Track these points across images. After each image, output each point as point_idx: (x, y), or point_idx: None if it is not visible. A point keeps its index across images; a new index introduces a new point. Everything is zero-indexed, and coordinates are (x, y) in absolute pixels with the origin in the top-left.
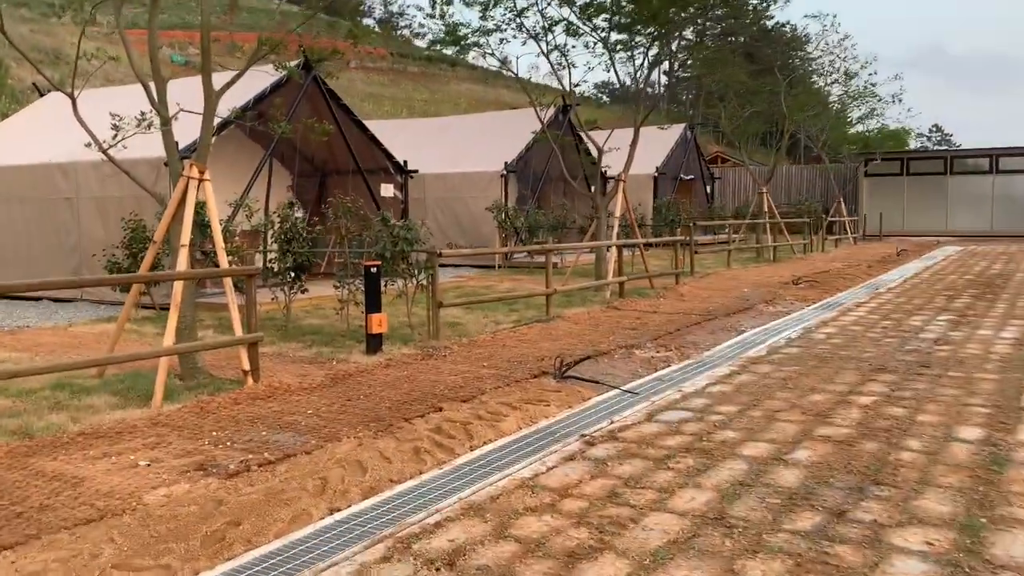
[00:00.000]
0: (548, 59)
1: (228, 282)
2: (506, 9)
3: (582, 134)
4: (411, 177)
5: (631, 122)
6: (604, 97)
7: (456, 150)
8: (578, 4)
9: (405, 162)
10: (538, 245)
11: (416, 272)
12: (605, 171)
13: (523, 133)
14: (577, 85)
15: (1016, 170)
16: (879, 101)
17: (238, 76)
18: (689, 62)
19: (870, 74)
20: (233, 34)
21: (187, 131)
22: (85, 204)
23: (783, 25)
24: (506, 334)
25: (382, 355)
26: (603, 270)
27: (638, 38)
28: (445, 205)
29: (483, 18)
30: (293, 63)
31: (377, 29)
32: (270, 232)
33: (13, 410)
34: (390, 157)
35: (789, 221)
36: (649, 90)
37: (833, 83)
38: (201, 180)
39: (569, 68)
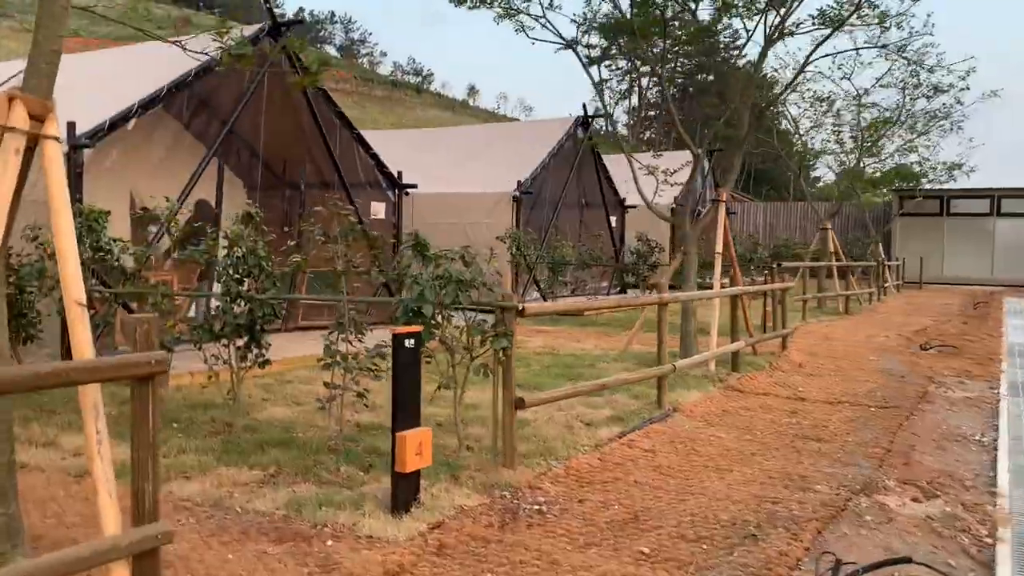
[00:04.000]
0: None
1: (90, 394)
2: None
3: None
4: (406, 194)
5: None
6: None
7: (454, 167)
8: None
9: (399, 174)
10: (651, 292)
11: (470, 340)
12: (624, 198)
13: (535, 150)
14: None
15: None
16: (939, 127)
17: None
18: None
19: (961, 89)
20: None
21: (95, 105)
22: None
23: (746, 63)
24: (618, 451)
25: (421, 513)
26: (690, 330)
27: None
28: (439, 232)
29: None
30: (255, 27)
31: (339, 56)
32: (216, 262)
33: None
34: (381, 167)
35: (850, 265)
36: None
37: (915, 99)
38: (39, 138)
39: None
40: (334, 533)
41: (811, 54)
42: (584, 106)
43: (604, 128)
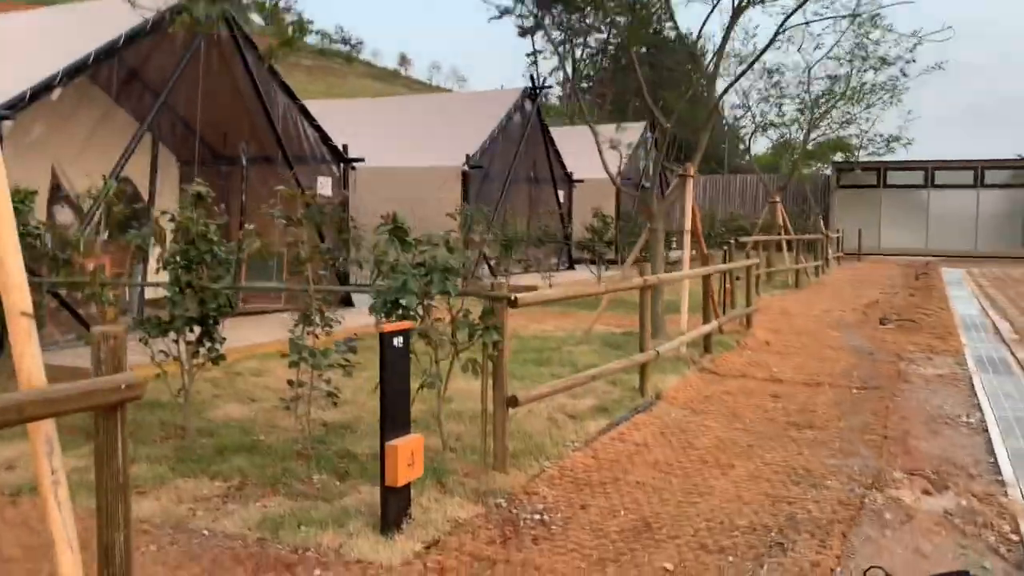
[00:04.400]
0: None
1: (43, 426)
2: None
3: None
4: (353, 168)
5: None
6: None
7: (398, 140)
8: None
9: (345, 147)
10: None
11: (454, 332)
12: (571, 173)
13: (482, 122)
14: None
15: (1002, 184)
16: (884, 98)
17: None
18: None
19: (907, 62)
20: None
21: (12, 73)
22: None
23: (685, 38)
24: (610, 447)
25: (414, 530)
26: (659, 311)
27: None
28: (385, 209)
29: None
30: None
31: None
32: (154, 249)
33: None
34: (326, 140)
35: (802, 238)
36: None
37: (864, 71)
38: None
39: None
40: (319, 559)
41: (784, 22)
42: (532, 77)
43: (572, 97)
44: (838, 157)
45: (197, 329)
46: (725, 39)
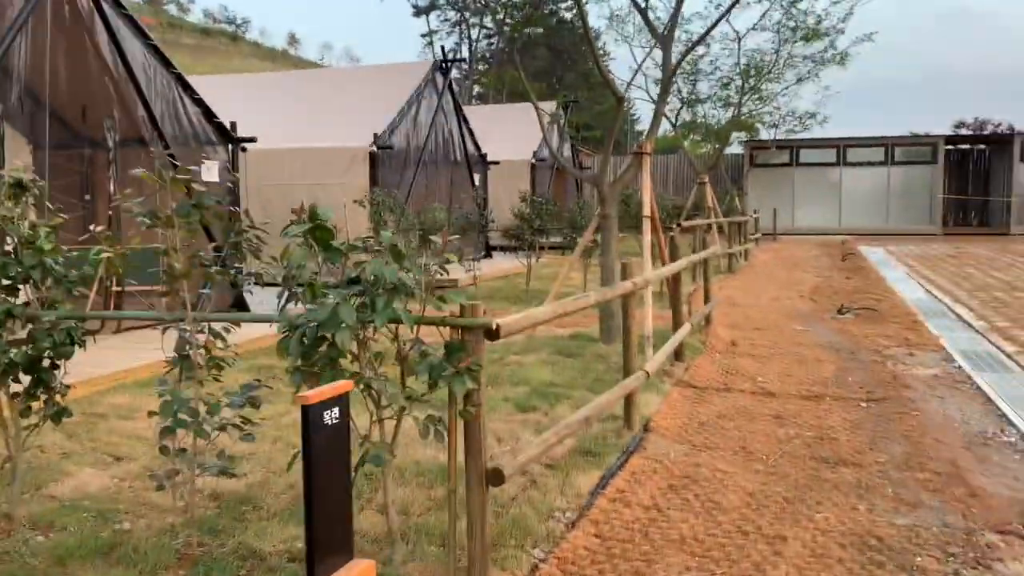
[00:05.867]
0: None
1: None
2: None
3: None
4: (243, 150)
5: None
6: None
7: (296, 118)
8: None
9: (233, 124)
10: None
11: (403, 377)
12: (486, 155)
13: (390, 98)
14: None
15: (911, 160)
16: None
17: None
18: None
19: (838, 32)
20: None
21: None
22: None
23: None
24: (615, 517)
25: None
26: (613, 314)
27: None
28: (280, 196)
29: None
30: None
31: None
32: None
33: None
34: (211, 117)
35: (732, 220)
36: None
37: (794, 43)
38: None
39: None
40: None
41: None
42: (443, 48)
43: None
44: (742, 136)
45: (26, 377)
46: (676, 11)
